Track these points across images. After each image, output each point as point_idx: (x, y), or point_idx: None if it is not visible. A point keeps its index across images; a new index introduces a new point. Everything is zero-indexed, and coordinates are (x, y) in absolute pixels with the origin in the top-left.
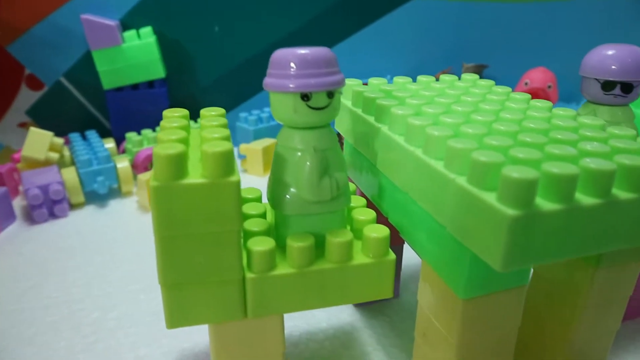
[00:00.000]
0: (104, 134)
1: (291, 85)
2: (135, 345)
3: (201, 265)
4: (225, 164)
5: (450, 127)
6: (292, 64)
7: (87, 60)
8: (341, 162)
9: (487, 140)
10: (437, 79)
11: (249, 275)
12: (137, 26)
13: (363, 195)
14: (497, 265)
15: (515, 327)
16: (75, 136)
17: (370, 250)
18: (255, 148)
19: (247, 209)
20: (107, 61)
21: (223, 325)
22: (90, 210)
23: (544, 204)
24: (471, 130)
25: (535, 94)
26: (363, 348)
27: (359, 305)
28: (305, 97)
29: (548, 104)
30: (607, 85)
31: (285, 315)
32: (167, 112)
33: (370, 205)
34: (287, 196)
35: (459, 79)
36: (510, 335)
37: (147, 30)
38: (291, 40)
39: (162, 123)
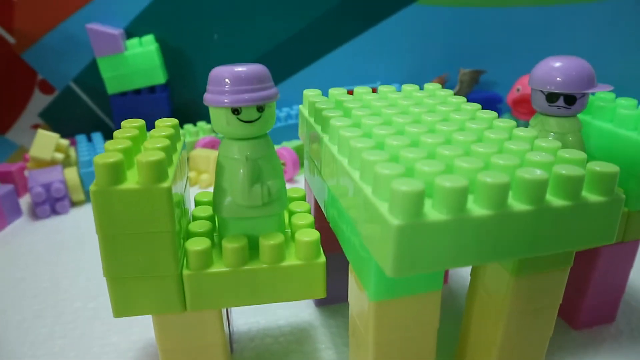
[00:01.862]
0: (109, 135)
1: (225, 101)
2: (108, 333)
3: (140, 261)
4: (157, 171)
5: (377, 138)
6: (225, 81)
7: (94, 67)
8: (276, 171)
9: (402, 152)
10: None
11: (186, 272)
12: (141, 34)
13: (317, 201)
14: (388, 271)
15: (433, 330)
16: (81, 138)
17: (301, 253)
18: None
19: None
20: (111, 68)
21: (165, 316)
22: (90, 208)
23: (433, 214)
24: (395, 142)
25: (527, 101)
26: (316, 345)
27: (320, 304)
28: (235, 111)
29: (493, 114)
30: (551, 97)
31: (246, 312)
32: (157, 122)
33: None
34: (225, 201)
35: (421, 89)
36: (428, 338)
37: (148, 38)
38: (288, 46)
39: (114, 133)
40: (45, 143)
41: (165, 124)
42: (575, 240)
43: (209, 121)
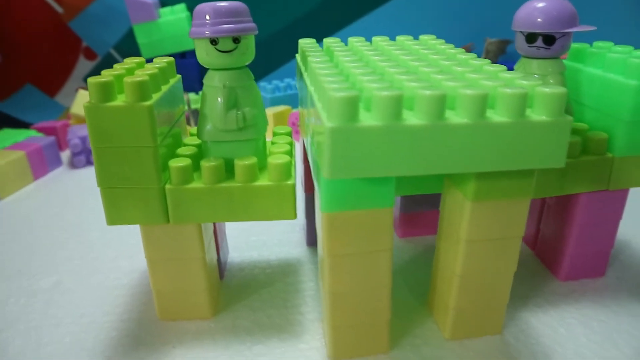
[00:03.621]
0: None
1: (206, 32)
2: (117, 258)
3: (127, 173)
4: (140, 91)
5: (344, 70)
6: (205, 15)
7: (131, 35)
8: (254, 100)
9: (357, 74)
10: None
11: (168, 186)
12: (173, 3)
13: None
14: (325, 173)
15: (387, 249)
16: None
17: (272, 174)
18: (267, 113)
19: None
20: (145, 34)
21: (151, 228)
22: None
23: (368, 120)
24: (357, 70)
25: None
26: (299, 278)
27: (311, 244)
28: (213, 41)
29: (485, 61)
30: (530, 38)
31: (241, 248)
32: (155, 59)
33: None
34: (206, 126)
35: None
36: (383, 256)
37: (180, 7)
38: (310, 18)
39: (115, 65)
40: (85, 101)
41: (162, 61)
42: (519, 159)
43: None
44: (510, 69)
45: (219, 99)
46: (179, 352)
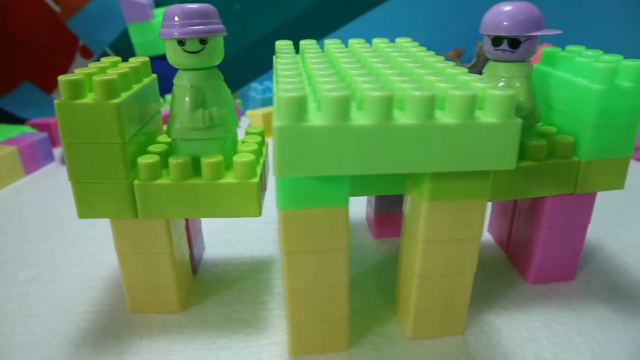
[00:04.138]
0: None
1: (175, 34)
2: (98, 252)
3: (97, 168)
4: (109, 90)
5: (307, 70)
6: (175, 17)
7: (126, 35)
8: (222, 99)
9: (317, 74)
10: (447, 59)
11: (136, 182)
12: (168, 4)
13: None
14: (274, 171)
15: (343, 247)
16: None
17: (237, 172)
18: (256, 113)
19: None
20: (140, 34)
21: (121, 222)
22: None
23: (316, 120)
24: (315, 67)
25: None
26: (270, 275)
27: None
28: (180, 42)
29: (450, 64)
30: (496, 41)
31: (217, 245)
32: (131, 58)
33: None
34: (175, 124)
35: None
36: (339, 255)
37: None
38: (304, 19)
39: (89, 64)
40: None
41: (138, 60)
42: (469, 160)
43: None
44: None
45: (187, 99)
46: (146, 343)
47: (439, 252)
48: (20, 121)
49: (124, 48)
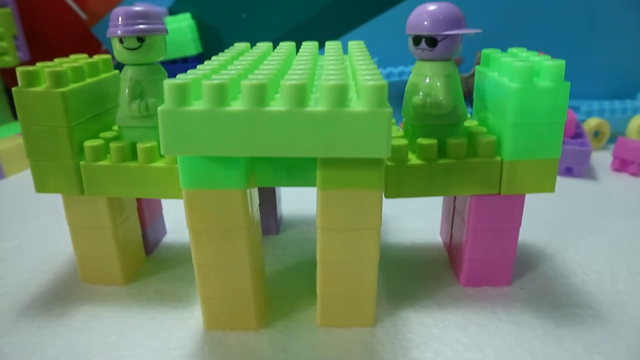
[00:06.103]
0: None
1: (118, 32)
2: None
3: (48, 148)
4: (57, 80)
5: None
6: (119, 18)
7: None
8: (161, 93)
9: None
10: None
11: (82, 162)
12: (181, 12)
13: None
14: (162, 149)
15: (243, 227)
16: None
17: (167, 157)
18: None
19: None
20: None
21: (70, 198)
22: None
23: (195, 105)
24: (223, 71)
25: None
26: None
27: None
28: (121, 40)
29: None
30: (416, 40)
31: (179, 230)
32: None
33: None
34: (118, 113)
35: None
36: (239, 234)
37: (184, 16)
38: (307, 27)
39: (55, 59)
40: None
41: (100, 58)
42: (342, 147)
43: None
44: None
45: (126, 90)
46: (85, 308)
47: (336, 240)
48: None
49: None
